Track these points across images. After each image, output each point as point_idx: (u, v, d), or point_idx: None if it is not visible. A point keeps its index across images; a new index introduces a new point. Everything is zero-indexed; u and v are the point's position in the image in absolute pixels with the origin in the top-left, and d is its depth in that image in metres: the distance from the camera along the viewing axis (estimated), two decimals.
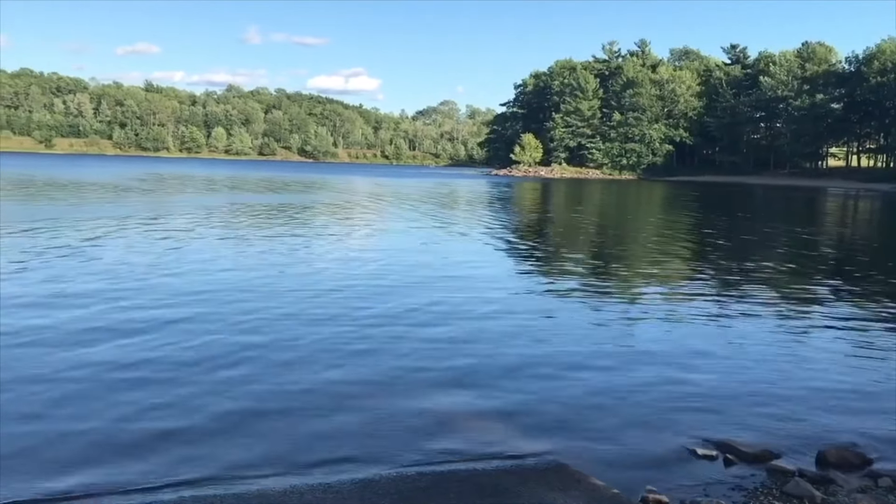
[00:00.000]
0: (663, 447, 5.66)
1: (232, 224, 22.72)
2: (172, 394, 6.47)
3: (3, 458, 5.10)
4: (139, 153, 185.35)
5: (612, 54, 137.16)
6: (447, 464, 5.25)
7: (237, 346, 8.04)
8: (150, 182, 51.29)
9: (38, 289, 10.86)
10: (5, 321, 8.73)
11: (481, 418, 6.14)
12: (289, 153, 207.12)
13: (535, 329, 9.37)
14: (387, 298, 11.06)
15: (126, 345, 7.94)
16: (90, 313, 9.33)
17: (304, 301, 10.60)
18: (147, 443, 5.44)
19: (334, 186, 55.50)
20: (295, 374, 7.13)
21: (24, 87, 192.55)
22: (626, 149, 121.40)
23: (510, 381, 7.17)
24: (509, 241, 21.04)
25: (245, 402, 6.32)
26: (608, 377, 7.41)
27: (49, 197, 32.71)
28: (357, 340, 8.48)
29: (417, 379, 7.14)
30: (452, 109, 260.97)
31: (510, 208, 37.90)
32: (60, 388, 6.51)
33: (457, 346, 8.43)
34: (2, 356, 7.35)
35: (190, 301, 10.35)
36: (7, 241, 16.38)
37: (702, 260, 17.95)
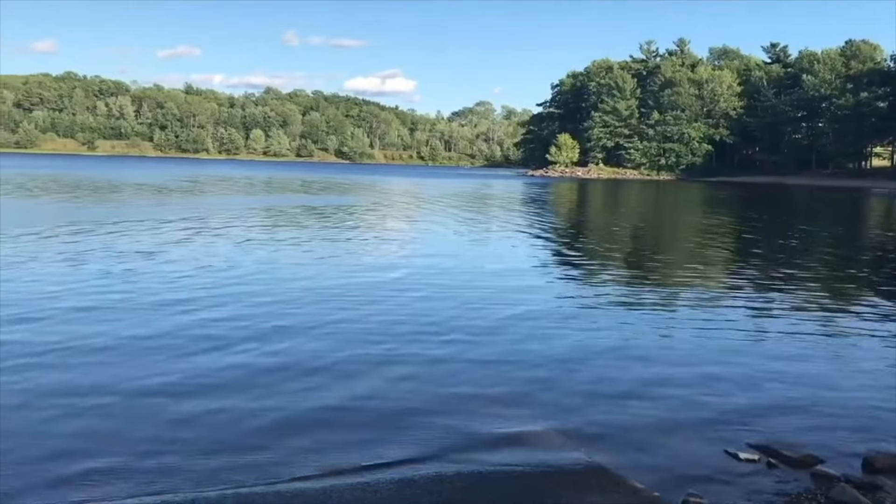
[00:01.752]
0: (704, 451, 5.59)
1: (275, 227, 22.96)
2: (216, 396, 6.57)
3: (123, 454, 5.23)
4: (179, 155, 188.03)
5: (650, 54, 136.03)
6: (482, 464, 5.22)
7: (272, 351, 8.12)
8: (198, 184, 52.00)
9: (119, 292, 11.10)
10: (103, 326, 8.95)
11: (518, 421, 6.11)
12: (326, 154, 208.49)
13: (568, 332, 9.30)
14: (427, 304, 11.08)
15: (184, 347, 8.09)
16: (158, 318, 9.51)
17: (347, 306, 10.64)
18: (191, 443, 5.52)
19: (373, 188, 55.71)
20: (333, 378, 7.15)
21: (68, 91, 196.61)
22: (664, 148, 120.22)
23: (545, 385, 7.12)
24: (546, 244, 20.94)
25: (285, 405, 6.37)
26: (646, 380, 7.33)
27: (108, 199, 33.38)
28: (395, 345, 8.51)
29: (454, 383, 7.13)
30: (488, 110, 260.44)
31: (547, 210, 37.74)
32: (138, 391, 6.66)
33: (492, 349, 8.40)
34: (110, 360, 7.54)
35: (235, 304, 10.49)
36: (93, 242, 16.79)
37: (741, 263, 17.68)
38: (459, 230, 23.24)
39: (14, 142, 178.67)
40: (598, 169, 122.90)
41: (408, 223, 25.75)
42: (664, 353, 8.47)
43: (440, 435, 5.75)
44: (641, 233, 26.54)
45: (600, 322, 10.02)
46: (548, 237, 22.54)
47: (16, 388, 6.49)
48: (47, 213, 25.13)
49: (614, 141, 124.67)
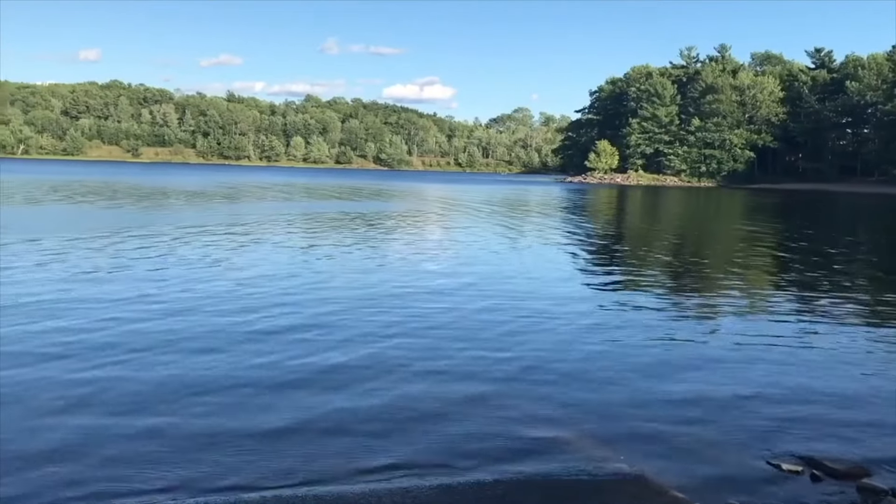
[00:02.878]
0: (746, 461, 5.52)
1: (327, 233, 23.20)
2: (260, 396, 6.68)
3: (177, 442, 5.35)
4: (221, 161, 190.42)
5: (691, 60, 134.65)
6: (525, 472, 5.23)
7: (312, 355, 8.21)
8: (244, 191, 52.68)
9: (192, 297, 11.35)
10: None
11: (558, 428, 6.10)
12: (364, 161, 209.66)
13: (608, 340, 9.26)
14: (471, 310, 11.12)
15: (243, 349, 8.27)
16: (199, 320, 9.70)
17: (390, 310, 10.75)
18: (235, 443, 5.62)
19: (413, 194, 55.89)
20: (375, 383, 7.20)
21: (113, 99, 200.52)
22: (705, 155, 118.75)
23: (584, 392, 7.10)
24: (586, 251, 20.85)
25: (325, 408, 6.44)
26: (688, 389, 7.27)
27: (163, 205, 34.03)
28: (435, 350, 8.56)
29: (494, 389, 7.15)
30: (526, 117, 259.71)
31: (586, 216, 37.53)
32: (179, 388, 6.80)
33: (531, 356, 8.40)
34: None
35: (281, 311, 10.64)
36: (164, 248, 17.20)
37: (784, 272, 17.39)
38: (500, 236, 23.20)
39: (61, 149, 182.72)
40: (638, 175, 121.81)
41: (449, 230, 25.75)
42: (706, 361, 8.37)
43: (479, 441, 5.76)
44: (683, 240, 26.26)
45: (640, 330, 9.94)
46: (588, 244, 22.42)
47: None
48: (115, 218, 25.70)
49: (654, 147, 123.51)
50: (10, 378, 6.92)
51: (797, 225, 35.06)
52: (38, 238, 17.90)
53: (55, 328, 8.88)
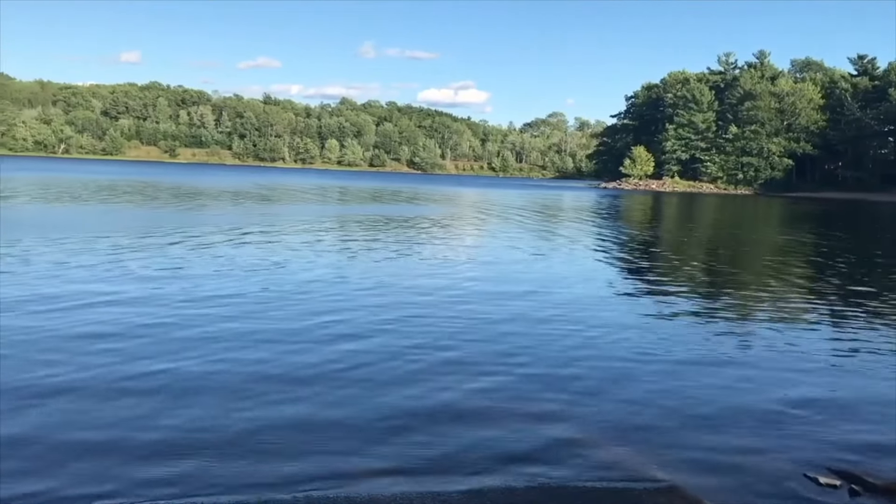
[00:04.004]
0: (782, 473, 5.45)
1: (363, 235, 23.34)
2: (296, 396, 6.77)
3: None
4: (256, 163, 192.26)
5: (728, 66, 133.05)
6: (555, 479, 5.22)
7: (352, 359, 8.26)
8: (285, 192, 53.18)
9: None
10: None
11: (591, 436, 6.08)
12: (398, 165, 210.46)
13: (642, 349, 9.19)
14: (501, 313, 11.11)
15: (283, 351, 8.38)
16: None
17: (425, 316, 10.79)
18: (270, 443, 5.68)
19: (449, 199, 55.92)
20: (411, 387, 7.23)
21: (152, 99, 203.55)
22: (742, 162, 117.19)
23: (618, 401, 7.06)
24: (621, 257, 20.73)
25: (358, 410, 6.48)
26: (723, 399, 7.21)
27: (209, 205, 34.52)
28: (467, 354, 8.58)
29: (529, 395, 7.14)
30: (561, 121, 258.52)
31: (621, 222, 37.25)
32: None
33: (564, 363, 8.38)
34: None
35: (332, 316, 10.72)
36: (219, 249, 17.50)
37: (822, 282, 17.06)
38: (540, 242, 23.15)
39: (101, 148, 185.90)
40: (673, 182, 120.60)
41: (485, 234, 25.71)
42: (741, 372, 8.28)
43: (511, 446, 5.76)
44: (720, 248, 25.95)
45: (675, 339, 9.86)
46: (626, 252, 22.25)
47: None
48: (167, 219, 26.14)
49: (690, 154, 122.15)
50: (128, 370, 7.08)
51: (837, 235, 34.44)
52: (103, 238, 18.43)
53: (153, 325, 9.20)
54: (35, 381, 6.88)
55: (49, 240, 17.26)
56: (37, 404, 6.27)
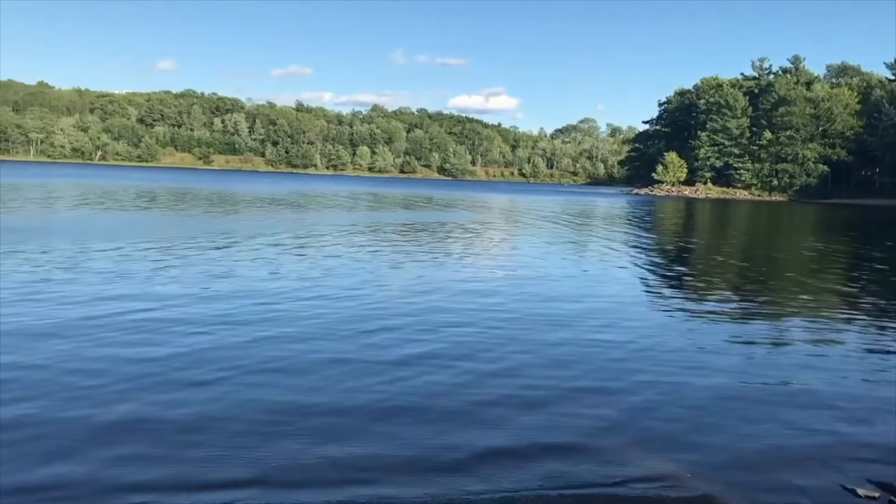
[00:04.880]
0: (820, 484, 5.38)
1: (402, 241, 23.47)
2: (330, 396, 6.88)
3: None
4: (289, 170, 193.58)
5: (763, 71, 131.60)
6: (588, 487, 5.19)
7: (391, 359, 8.33)
8: (316, 198, 53.52)
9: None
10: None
11: (625, 445, 6.05)
12: (428, 171, 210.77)
13: (674, 358, 9.13)
14: (527, 321, 11.11)
15: (343, 351, 8.47)
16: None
17: (458, 321, 10.83)
18: (300, 443, 5.75)
19: (480, 205, 55.89)
20: (443, 390, 7.28)
21: (187, 107, 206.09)
22: (776, 169, 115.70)
23: (652, 411, 7.02)
24: (654, 265, 20.58)
25: (392, 412, 6.54)
26: (757, 409, 7.13)
27: (246, 211, 34.96)
28: (505, 364, 8.60)
29: (559, 405, 7.12)
30: (592, 127, 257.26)
31: (659, 230, 36.97)
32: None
33: (594, 372, 8.34)
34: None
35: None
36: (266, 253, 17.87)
37: (858, 292, 16.74)
38: (569, 249, 23.08)
39: (136, 155, 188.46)
40: (706, 188, 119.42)
41: (520, 241, 25.61)
42: (777, 383, 8.20)
43: (542, 455, 5.75)
44: (754, 256, 25.65)
45: (708, 347, 9.78)
46: (657, 258, 22.09)
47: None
48: (211, 224, 26.51)
49: (724, 160, 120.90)
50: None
51: (875, 243, 33.85)
52: (155, 243, 18.98)
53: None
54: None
55: (119, 245, 17.73)
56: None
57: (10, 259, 14.71)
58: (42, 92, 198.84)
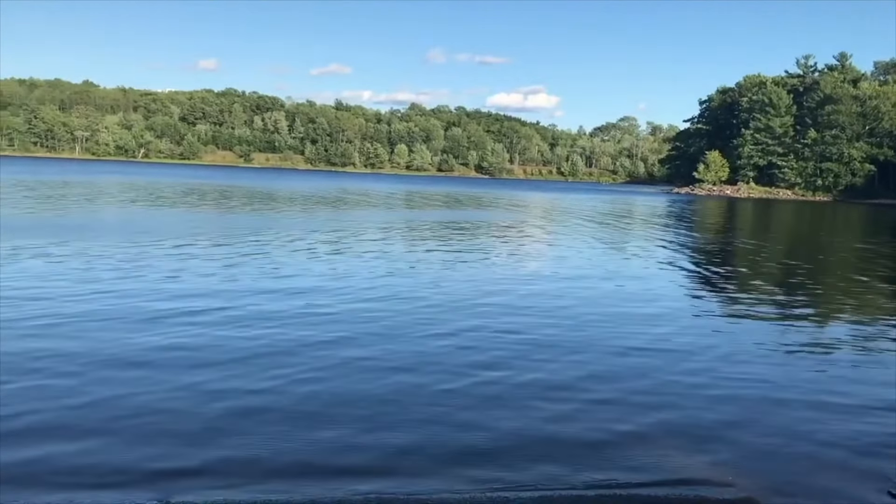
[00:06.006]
0: (862, 488, 5.30)
1: (446, 240, 23.53)
2: (383, 395, 6.94)
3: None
4: (328, 168, 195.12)
5: (807, 69, 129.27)
6: (627, 488, 5.15)
7: (426, 360, 8.35)
8: (360, 196, 53.97)
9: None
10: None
11: (663, 447, 5.98)
12: (466, 169, 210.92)
13: (713, 361, 9.00)
14: (571, 326, 11.04)
15: (381, 350, 8.53)
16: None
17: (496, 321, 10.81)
18: (339, 443, 5.77)
19: (519, 204, 55.79)
20: (505, 398, 7.21)
21: (228, 106, 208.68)
22: (821, 168, 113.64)
23: (691, 413, 6.92)
24: (696, 266, 20.33)
25: (423, 414, 6.53)
26: (800, 412, 7.01)
27: (294, 209, 35.40)
28: (540, 359, 8.57)
29: (596, 406, 7.06)
30: (632, 126, 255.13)
31: (702, 231, 36.54)
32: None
33: (636, 375, 8.26)
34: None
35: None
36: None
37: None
38: (613, 252, 22.89)
39: (178, 153, 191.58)
40: (749, 188, 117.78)
41: (562, 243, 25.32)
42: (819, 384, 8.07)
43: (581, 455, 5.71)
44: (798, 257, 25.21)
45: (748, 350, 9.64)
46: (706, 262, 21.74)
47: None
48: (264, 222, 26.87)
49: (767, 160, 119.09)
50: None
51: None
52: (214, 239, 19.44)
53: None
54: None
55: (175, 244, 18.09)
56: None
57: (77, 259, 14.92)
58: (87, 91, 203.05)
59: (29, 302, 10.29)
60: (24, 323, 9.10)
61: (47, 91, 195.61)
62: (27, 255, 14.97)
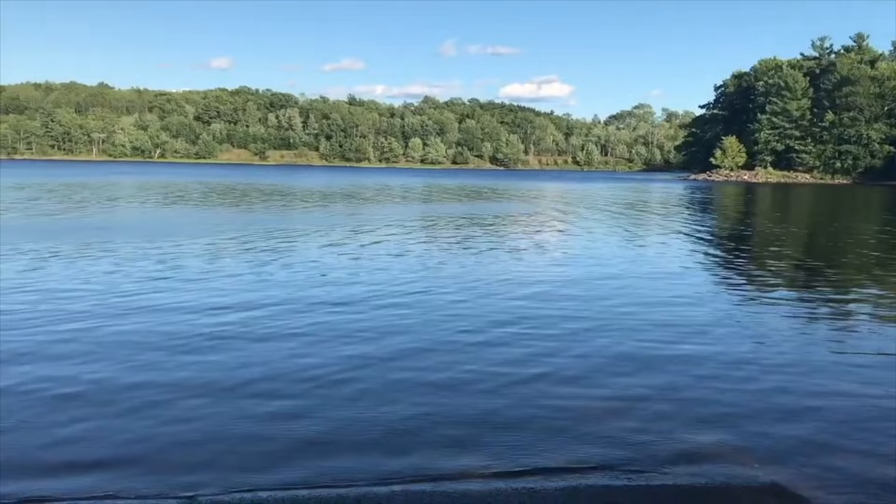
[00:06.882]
0: (893, 473, 5.25)
1: (468, 234, 23.55)
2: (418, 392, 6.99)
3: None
4: (342, 164, 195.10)
5: (824, 51, 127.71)
6: (654, 475, 5.17)
7: (453, 358, 8.41)
8: (378, 191, 53.93)
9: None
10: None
11: (689, 433, 5.99)
12: (481, 161, 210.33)
13: (737, 343, 9.03)
14: (593, 311, 11.09)
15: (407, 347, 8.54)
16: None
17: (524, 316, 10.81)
18: (375, 438, 5.83)
19: (535, 195, 55.64)
20: (509, 386, 7.26)
21: (242, 104, 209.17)
22: (839, 151, 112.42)
23: (715, 397, 6.93)
24: (717, 251, 20.23)
25: (455, 409, 6.55)
26: (826, 397, 6.99)
27: (318, 206, 35.55)
28: (569, 351, 8.59)
29: (622, 391, 7.10)
30: (647, 113, 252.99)
31: (716, 215, 36.32)
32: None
33: (656, 359, 8.27)
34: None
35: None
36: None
37: None
38: (628, 237, 22.81)
39: (194, 152, 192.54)
40: (766, 173, 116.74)
41: (582, 234, 25.17)
42: (844, 368, 8.03)
43: (608, 444, 5.73)
44: (821, 240, 25.03)
45: (771, 334, 9.62)
46: (720, 244, 21.67)
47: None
48: (290, 220, 27.06)
49: (784, 143, 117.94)
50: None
51: None
52: (244, 239, 19.48)
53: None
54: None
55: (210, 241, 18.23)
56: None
57: (104, 261, 15.09)
58: (102, 93, 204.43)
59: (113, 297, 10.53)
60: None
61: (63, 94, 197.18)
62: (96, 253, 15.54)
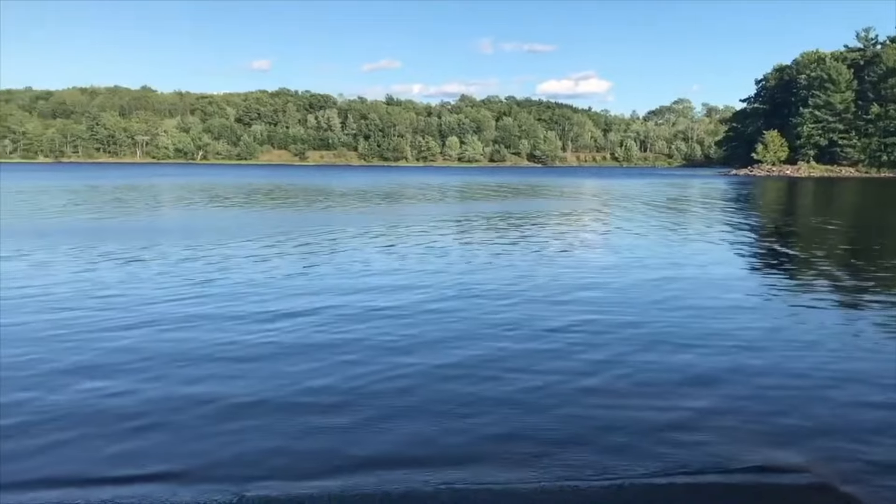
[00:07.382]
0: None
1: (509, 233, 23.66)
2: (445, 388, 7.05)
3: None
4: (380, 163, 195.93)
5: (868, 42, 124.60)
6: (700, 474, 5.17)
7: (479, 355, 8.47)
8: (419, 190, 54.16)
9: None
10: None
11: (736, 430, 5.99)
12: (518, 159, 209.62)
13: (783, 344, 8.93)
14: (645, 311, 11.06)
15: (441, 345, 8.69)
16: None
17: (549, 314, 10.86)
18: (425, 449, 5.85)
19: (582, 192, 55.30)
20: (542, 382, 7.28)
21: (281, 105, 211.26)
22: (885, 143, 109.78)
23: (761, 397, 6.89)
24: (765, 251, 19.99)
25: (507, 421, 6.51)
26: (873, 395, 6.93)
27: (361, 206, 35.92)
28: (601, 348, 8.59)
29: (662, 381, 7.15)
30: (687, 108, 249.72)
31: (764, 212, 35.77)
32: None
33: (706, 360, 8.24)
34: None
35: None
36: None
37: None
38: (673, 237, 22.58)
39: (236, 154, 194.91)
40: (809, 167, 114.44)
41: (625, 232, 24.94)
42: (888, 367, 7.93)
43: (653, 442, 5.74)
44: (881, 239, 24.55)
45: (814, 332, 9.52)
46: (769, 244, 21.30)
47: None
48: (339, 220, 27.39)
49: (828, 137, 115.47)
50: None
51: None
52: (294, 238, 19.81)
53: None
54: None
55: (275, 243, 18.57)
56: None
57: (158, 262, 15.39)
58: (145, 96, 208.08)
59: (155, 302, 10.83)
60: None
61: (107, 98, 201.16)
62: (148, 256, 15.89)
